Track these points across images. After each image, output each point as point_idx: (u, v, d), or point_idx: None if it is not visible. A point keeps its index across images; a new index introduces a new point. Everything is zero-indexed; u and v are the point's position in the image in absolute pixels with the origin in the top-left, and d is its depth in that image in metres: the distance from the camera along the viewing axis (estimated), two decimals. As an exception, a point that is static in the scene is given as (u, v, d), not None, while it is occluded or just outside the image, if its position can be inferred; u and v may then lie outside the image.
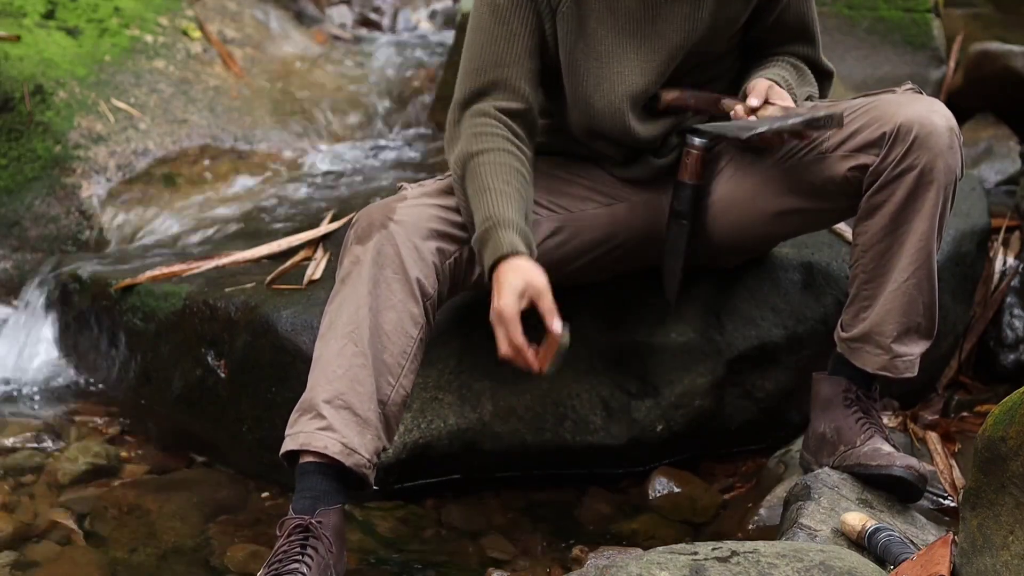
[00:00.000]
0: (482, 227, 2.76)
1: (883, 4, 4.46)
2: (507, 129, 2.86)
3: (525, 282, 2.71)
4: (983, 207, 3.64)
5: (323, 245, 3.49)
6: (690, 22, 2.91)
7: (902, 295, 2.88)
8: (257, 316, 3.25)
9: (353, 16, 5.20)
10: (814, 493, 2.80)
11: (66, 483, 3.28)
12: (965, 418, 3.45)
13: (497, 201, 2.77)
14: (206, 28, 4.57)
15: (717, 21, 2.92)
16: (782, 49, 3.04)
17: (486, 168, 2.81)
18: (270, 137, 4.38)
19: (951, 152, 2.81)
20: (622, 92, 2.93)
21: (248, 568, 2.90)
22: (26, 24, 4.30)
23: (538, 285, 2.71)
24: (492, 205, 2.77)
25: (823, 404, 2.98)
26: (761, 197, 3.01)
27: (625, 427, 3.22)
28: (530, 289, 2.71)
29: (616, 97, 2.93)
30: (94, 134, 4.13)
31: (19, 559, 2.95)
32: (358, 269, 2.78)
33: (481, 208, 2.78)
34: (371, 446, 2.72)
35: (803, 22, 3.02)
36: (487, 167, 2.81)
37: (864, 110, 2.88)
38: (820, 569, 2.38)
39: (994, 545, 2.36)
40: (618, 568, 2.37)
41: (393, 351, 2.76)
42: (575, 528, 3.11)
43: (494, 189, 2.78)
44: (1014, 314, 3.66)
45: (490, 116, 2.86)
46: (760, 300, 3.30)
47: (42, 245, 4.02)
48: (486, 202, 2.77)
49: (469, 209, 2.82)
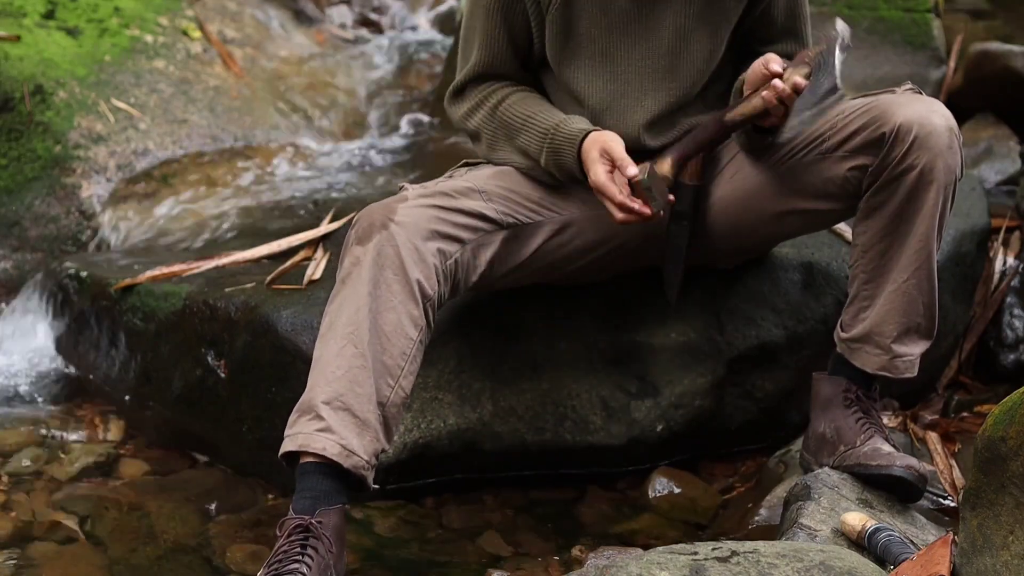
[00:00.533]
0: (548, 141, 2.91)
1: (883, 4, 4.46)
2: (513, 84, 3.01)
3: (600, 148, 2.84)
4: (983, 207, 3.64)
5: (323, 245, 3.49)
6: (681, 19, 2.91)
7: (902, 295, 2.88)
8: (257, 316, 3.25)
9: (353, 16, 5.20)
10: (814, 493, 2.80)
11: (66, 483, 3.28)
12: (965, 418, 3.45)
13: (546, 116, 2.93)
14: (206, 28, 4.57)
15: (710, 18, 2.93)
16: (769, 48, 3.04)
17: (517, 106, 2.97)
18: (270, 137, 4.38)
19: (951, 152, 2.81)
20: (615, 90, 2.94)
21: (248, 568, 2.90)
22: (26, 24, 4.30)
23: (607, 143, 2.84)
24: (544, 120, 2.93)
25: (823, 404, 2.98)
26: (761, 197, 3.01)
27: (625, 427, 3.22)
28: (604, 151, 2.83)
29: (608, 95, 2.95)
30: (94, 134, 4.13)
31: (19, 559, 2.95)
32: (358, 270, 2.78)
33: (534, 132, 2.93)
34: (370, 448, 2.72)
35: (791, 17, 3.02)
36: (517, 105, 2.97)
37: (863, 110, 2.88)
38: (820, 569, 2.38)
39: (994, 545, 2.36)
40: (618, 568, 2.37)
41: (393, 352, 2.76)
42: (575, 528, 3.11)
43: (534, 113, 2.95)
44: (1014, 314, 3.66)
45: (493, 79, 3.01)
46: (760, 300, 3.30)
47: (42, 245, 4.02)
48: (536, 123, 2.93)
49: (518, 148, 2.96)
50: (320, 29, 4.96)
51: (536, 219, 2.99)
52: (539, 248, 3.00)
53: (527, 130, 2.94)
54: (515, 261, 2.98)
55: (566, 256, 3.03)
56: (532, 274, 3.04)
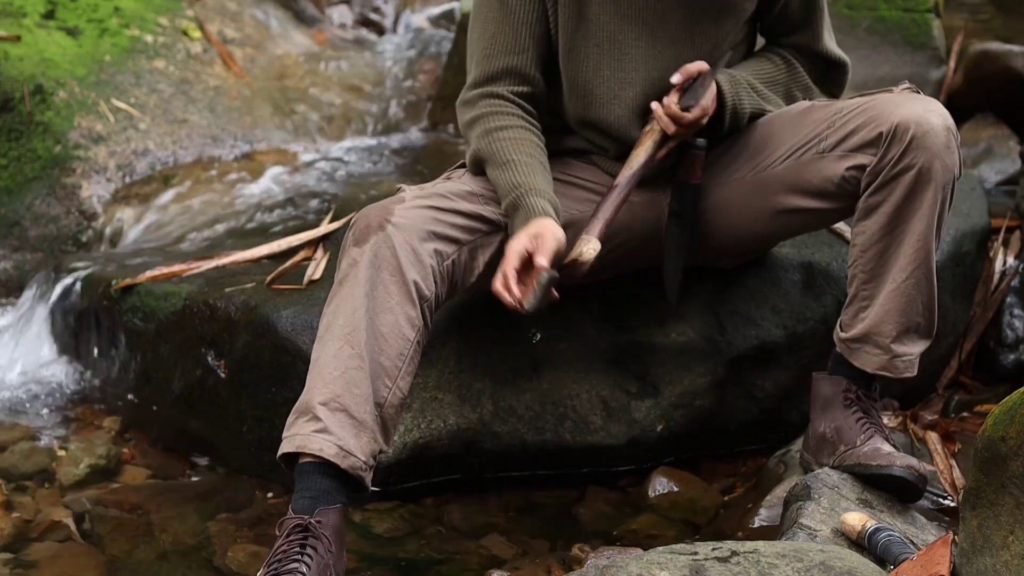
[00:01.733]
0: (512, 195, 2.87)
1: (883, 4, 4.46)
2: (521, 110, 2.98)
3: (538, 228, 2.81)
4: (983, 207, 3.64)
5: (323, 245, 3.49)
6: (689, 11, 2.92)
7: (901, 295, 2.87)
8: (257, 316, 3.25)
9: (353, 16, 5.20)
10: (814, 493, 2.80)
11: (66, 483, 3.28)
12: (965, 418, 3.45)
13: (524, 171, 2.89)
14: (206, 28, 4.58)
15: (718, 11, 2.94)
16: (784, 40, 3.07)
17: (509, 143, 2.93)
18: (270, 137, 4.38)
19: (948, 152, 2.81)
20: (623, 79, 2.95)
21: (248, 568, 2.90)
22: (26, 24, 4.30)
23: (545, 232, 2.81)
24: (520, 174, 2.89)
25: (823, 404, 2.98)
26: (760, 197, 3.01)
27: (625, 427, 3.22)
28: (538, 235, 2.80)
29: (616, 83, 2.95)
30: (94, 134, 4.13)
31: (19, 559, 2.95)
32: (355, 271, 2.78)
33: (508, 178, 2.89)
34: (367, 448, 2.72)
35: (807, 11, 3.04)
36: (510, 142, 2.93)
37: (861, 110, 2.89)
38: (820, 569, 2.38)
39: (994, 545, 2.36)
40: (618, 568, 2.37)
41: (390, 353, 2.76)
42: (575, 528, 3.11)
43: (520, 161, 2.90)
44: (1014, 314, 3.66)
45: (504, 98, 2.98)
46: (760, 300, 3.30)
47: (42, 245, 4.02)
48: (512, 172, 2.89)
49: (494, 181, 2.92)
50: (320, 29, 4.96)
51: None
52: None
53: (504, 169, 2.92)
54: (513, 263, 2.98)
55: (565, 257, 3.03)
56: (531, 275, 3.04)
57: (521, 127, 2.96)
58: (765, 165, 3.00)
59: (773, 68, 3.08)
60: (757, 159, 3.02)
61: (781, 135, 3.00)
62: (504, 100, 2.97)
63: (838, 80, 3.13)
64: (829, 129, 2.92)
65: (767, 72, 3.07)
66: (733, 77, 3.01)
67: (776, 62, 3.09)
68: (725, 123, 3.01)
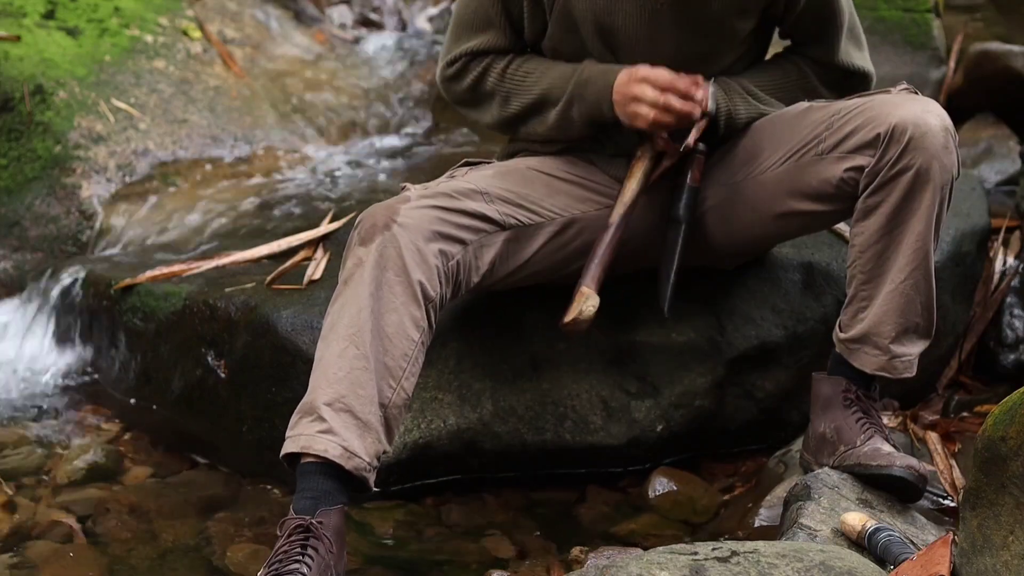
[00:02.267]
0: (574, 82, 2.94)
1: (883, 4, 4.45)
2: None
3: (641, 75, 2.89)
4: (983, 207, 3.64)
5: (323, 245, 3.49)
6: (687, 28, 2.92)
7: (900, 296, 2.88)
8: (257, 316, 3.25)
9: (353, 16, 5.19)
10: (814, 493, 2.80)
11: (66, 483, 3.28)
12: (965, 418, 3.45)
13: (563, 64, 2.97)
14: (206, 28, 4.58)
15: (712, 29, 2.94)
16: (798, 50, 3.07)
17: (531, 61, 3.01)
18: (270, 137, 4.38)
19: (946, 152, 2.81)
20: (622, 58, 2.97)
21: (248, 568, 2.90)
22: (26, 24, 4.30)
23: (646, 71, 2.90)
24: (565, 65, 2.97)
25: (823, 404, 2.98)
26: (759, 199, 3.01)
27: (625, 427, 3.22)
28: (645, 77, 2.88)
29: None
30: (94, 134, 4.13)
31: (19, 559, 2.95)
32: (360, 271, 2.77)
33: (558, 71, 2.97)
34: (371, 449, 2.72)
35: (822, 25, 3.02)
36: (531, 60, 3.02)
37: (859, 111, 2.89)
38: (820, 569, 2.38)
39: (994, 545, 2.36)
40: (618, 568, 2.37)
41: (395, 354, 2.76)
42: (575, 528, 3.11)
43: (552, 62, 2.99)
44: (1014, 314, 3.66)
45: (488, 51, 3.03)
46: (760, 300, 3.30)
47: (42, 245, 4.02)
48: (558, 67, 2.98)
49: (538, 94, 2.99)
50: (320, 29, 4.96)
51: (537, 220, 2.99)
52: (540, 249, 3.00)
53: (550, 73, 2.97)
54: (516, 262, 2.99)
55: (567, 257, 3.03)
56: (533, 275, 3.05)
57: (521, 56, 3.02)
58: (764, 168, 3.00)
59: (780, 74, 3.07)
60: (755, 162, 3.02)
61: (779, 138, 3.00)
62: (489, 52, 3.02)
63: (858, 89, 3.07)
64: (827, 131, 2.91)
65: (771, 78, 3.06)
66: (727, 83, 3.00)
67: (786, 68, 3.08)
68: (720, 129, 3.01)
